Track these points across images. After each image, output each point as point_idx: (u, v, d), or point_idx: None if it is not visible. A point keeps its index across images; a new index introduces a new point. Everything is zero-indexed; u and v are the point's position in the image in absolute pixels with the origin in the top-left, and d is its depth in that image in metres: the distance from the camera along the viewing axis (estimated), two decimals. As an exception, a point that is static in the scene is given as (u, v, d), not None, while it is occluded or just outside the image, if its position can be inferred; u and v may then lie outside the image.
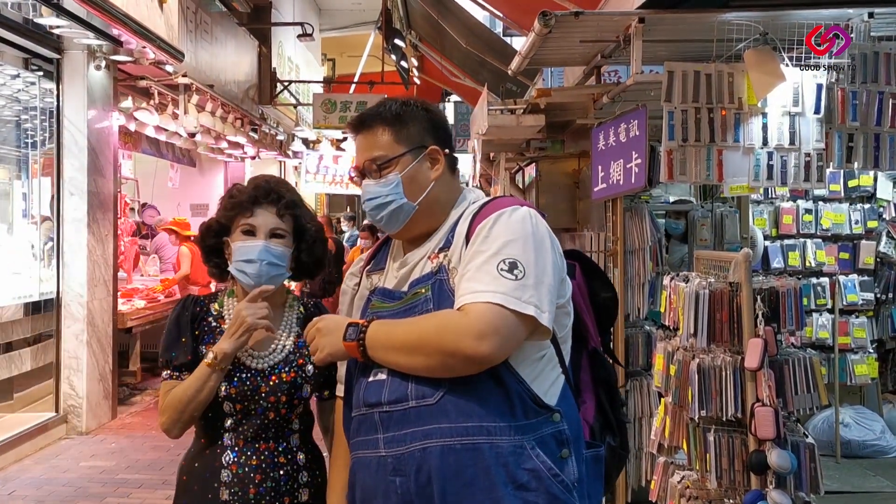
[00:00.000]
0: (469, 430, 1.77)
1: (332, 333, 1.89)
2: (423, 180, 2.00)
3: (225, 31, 10.78)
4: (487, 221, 1.86)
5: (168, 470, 6.23)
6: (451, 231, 1.96)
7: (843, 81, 4.08)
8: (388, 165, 1.99)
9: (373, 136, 2.02)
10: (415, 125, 2.02)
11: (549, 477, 1.79)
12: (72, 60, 7.25)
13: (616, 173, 4.55)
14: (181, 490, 2.32)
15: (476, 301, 1.75)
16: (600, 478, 2.00)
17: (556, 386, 1.89)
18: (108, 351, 7.68)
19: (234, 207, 2.32)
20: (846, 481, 5.70)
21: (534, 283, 1.78)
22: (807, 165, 4.09)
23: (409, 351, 1.80)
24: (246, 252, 2.28)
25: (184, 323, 2.31)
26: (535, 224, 1.86)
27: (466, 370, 1.76)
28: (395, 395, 1.84)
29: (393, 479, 1.82)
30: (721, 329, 3.45)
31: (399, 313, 1.90)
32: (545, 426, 1.83)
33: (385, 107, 2.04)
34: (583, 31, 4.49)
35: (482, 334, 1.71)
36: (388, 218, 2.00)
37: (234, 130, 10.49)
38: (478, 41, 10.33)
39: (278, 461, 2.27)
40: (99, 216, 7.51)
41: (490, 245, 1.82)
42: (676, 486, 3.66)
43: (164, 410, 2.24)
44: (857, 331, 6.54)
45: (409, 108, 2.04)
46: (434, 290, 1.88)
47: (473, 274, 1.79)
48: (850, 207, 6.74)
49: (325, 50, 20.13)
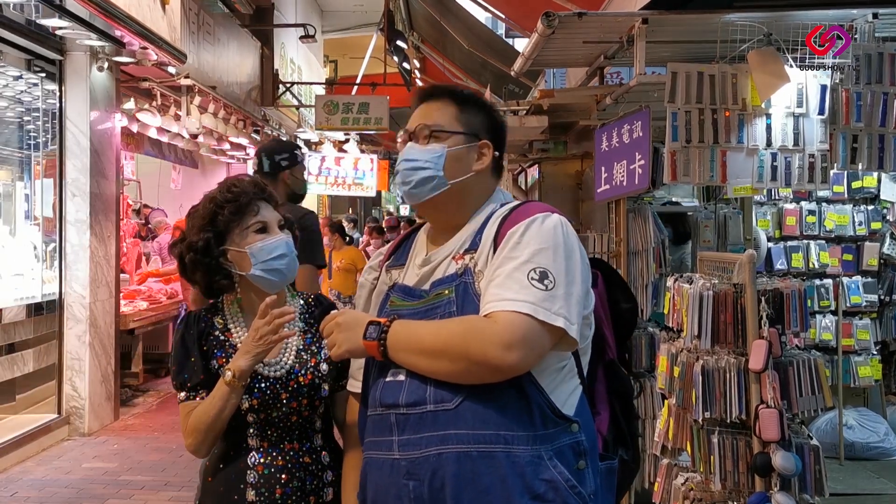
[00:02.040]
0: (487, 437, 1.75)
1: (352, 330, 1.86)
2: (465, 166, 1.98)
3: (227, 32, 10.79)
4: (518, 227, 1.83)
5: (170, 471, 6.23)
6: (479, 233, 1.93)
7: (847, 82, 4.07)
8: (440, 135, 1.98)
9: (437, 106, 2.02)
10: (478, 115, 2.03)
11: (566, 488, 1.76)
12: (74, 62, 7.25)
13: (619, 174, 4.55)
14: (206, 491, 2.29)
15: (505, 309, 1.72)
16: (612, 491, 1.97)
17: (574, 396, 1.87)
18: (111, 352, 7.68)
19: (240, 209, 2.25)
20: (850, 483, 5.69)
21: (563, 294, 1.76)
22: (810, 167, 4.08)
23: (434, 355, 1.77)
24: (273, 249, 2.23)
25: (190, 342, 2.26)
26: (565, 233, 1.84)
27: (491, 378, 1.74)
28: (413, 398, 1.81)
29: (406, 482, 1.79)
30: (725, 331, 3.44)
31: (420, 313, 1.88)
32: (563, 437, 1.80)
33: (458, 88, 2.06)
34: (586, 32, 4.48)
35: (510, 344, 1.69)
36: (416, 184, 1.96)
37: (236, 132, 10.50)
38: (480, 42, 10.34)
39: (303, 461, 2.25)
40: (101, 217, 7.51)
41: (521, 252, 1.79)
42: (680, 488, 3.65)
43: (189, 433, 2.20)
44: (861, 332, 6.52)
45: (478, 100, 2.06)
46: (458, 292, 1.85)
47: (503, 281, 1.77)
48: (854, 209, 6.72)
49: (327, 51, 20.15)
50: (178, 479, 6.07)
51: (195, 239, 2.25)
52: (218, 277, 2.28)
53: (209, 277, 2.28)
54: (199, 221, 2.27)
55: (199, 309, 2.37)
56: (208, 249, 2.25)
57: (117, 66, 7.74)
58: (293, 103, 14.28)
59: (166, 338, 9.81)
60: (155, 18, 7.03)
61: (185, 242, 2.29)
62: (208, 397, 2.18)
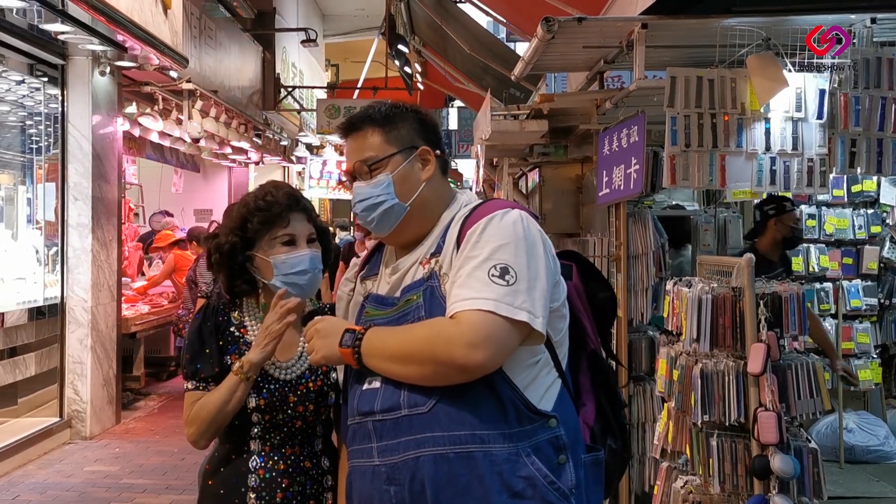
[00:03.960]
0: (462, 438, 1.76)
1: (330, 337, 1.88)
2: (415, 181, 1.98)
3: (229, 36, 10.81)
4: (478, 226, 1.83)
5: (172, 475, 6.24)
6: (443, 236, 1.93)
7: (845, 86, 4.08)
8: (378, 166, 1.97)
9: (363, 138, 2.00)
10: (405, 126, 2.00)
11: (544, 484, 1.77)
12: (76, 66, 7.28)
13: (618, 178, 4.56)
14: (206, 494, 2.30)
15: (467, 308, 1.72)
16: (600, 482, 1.97)
17: (552, 391, 1.87)
18: (112, 356, 7.69)
19: (270, 220, 2.26)
20: (849, 487, 5.69)
21: (526, 288, 1.76)
22: (809, 171, 4.09)
23: (403, 360, 1.78)
24: (296, 264, 2.25)
25: (206, 334, 2.27)
26: (526, 227, 1.83)
27: (460, 379, 1.74)
28: (387, 404, 1.82)
29: (387, 488, 1.81)
30: (724, 334, 3.45)
31: (393, 321, 1.88)
32: (541, 432, 1.81)
33: (374, 109, 2.02)
34: (586, 37, 4.50)
35: (475, 343, 1.70)
36: (379, 219, 1.98)
37: (237, 136, 10.52)
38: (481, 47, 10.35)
39: (304, 466, 2.27)
40: (103, 221, 7.53)
41: (481, 250, 1.79)
42: (679, 491, 3.65)
43: (191, 422, 2.20)
44: (861, 336, 6.53)
45: (398, 110, 2.03)
46: (425, 296, 1.86)
47: (464, 280, 1.77)
48: (854, 212, 6.73)
49: (328, 55, 20.18)
50: (180, 482, 6.08)
51: (223, 241, 2.30)
52: (239, 282, 2.31)
53: (231, 280, 2.32)
54: (230, 224, 2.31)
55: (217, 302, 2.38)
56: (233, 254, 2.28)
57: (119, 71, 7.76)
58: (295, 107, 14.31)
59: (168, 341, 9.83)
60: (157, 23, 7.05)
61: (215, 241, 2.33)
62: (216, 388, 2.19)
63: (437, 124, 2.11)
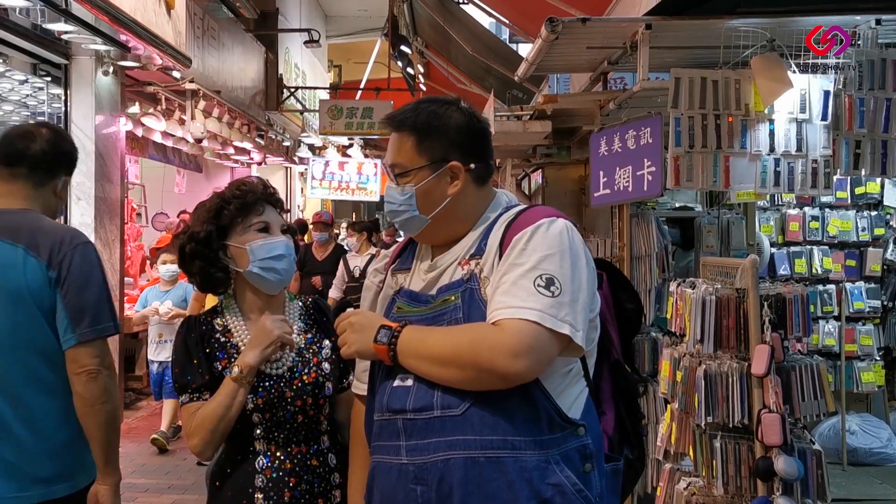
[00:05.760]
0: (494, 443, 1.75)
1: (364, 332, 1.86)
2: (439, 196, 1.95)
3: (232, 37, 10.82)
4: (525, 233, 1.82)
5: (174, 474, 6.24)
6: (484, 238, 1.92)
7: (850, 88, 4.07)
8: (405, 176, 1.96)
9: (399, 141, 1.98)
10: (439, 138, 1.95)
11: (573, 492, 1.77)
12: (79, 66, 7.27)
13: (623, 180, 4.55)
14: (214, 497, 2.29)
15: (512, 317, 1.72)
16: (616, 492, 1.97)
17: (580, 399, 1.87)
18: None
19: (246, 207, 2.29)
20: (852, 489, 5.68)
21: (570, 301, 1.76)
22: (813, 172, 4.08)
23: (442, 362, 1.77)
24: (272, 248, 2.27)
25: (192, 344, 2.27)
26: (571, 238, 1.83)
27: (499, 386, 1.74)
28: (420, 403, 1.81)
29: (414, 487, 1.80)
30: (728, 335, 3.44)
31: (427, 319, 1.87)
32: (570, 440, 1.80)
33: (415, 112, 1.97)
34: (589, 38, 4.49)
35: (518, 352, 1.69)
36: (402, 225, 2.00)
37: (240, 136, 10.53)
38: (484, 48, 10.34)
39: (311, 464, 2.26)
40: (106, 221, 7.53)
41: (527, 259, 1.78)
42: (682, 492, 3.65)
43: (193, 433, 2.19)
44: (864, 338, 6.52)
45: (439, 117, 1.96)
46: (464, 298, 1.85)
47: (509, 288, 1.76)
48: (857, 214, 6.72)
49: (331, 56, 20.20)
50: (182, 482, 6.07)
51: (198, 230, 2.29)
52: (214, 270, 2.30)
53: (206, 269, 2.30)
54: (204, 214, 2.31)
55: (199, 313, 2.39)
56: (209, 241, 2.28)
57: (122, 71, 7.76)
58: (297, 108, 14.33)
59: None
60: (160, 23, 7.05)
61: (187, 233, 2.32)
62: (214, 396, 2.18)
63: (480, 131, 2.04)
